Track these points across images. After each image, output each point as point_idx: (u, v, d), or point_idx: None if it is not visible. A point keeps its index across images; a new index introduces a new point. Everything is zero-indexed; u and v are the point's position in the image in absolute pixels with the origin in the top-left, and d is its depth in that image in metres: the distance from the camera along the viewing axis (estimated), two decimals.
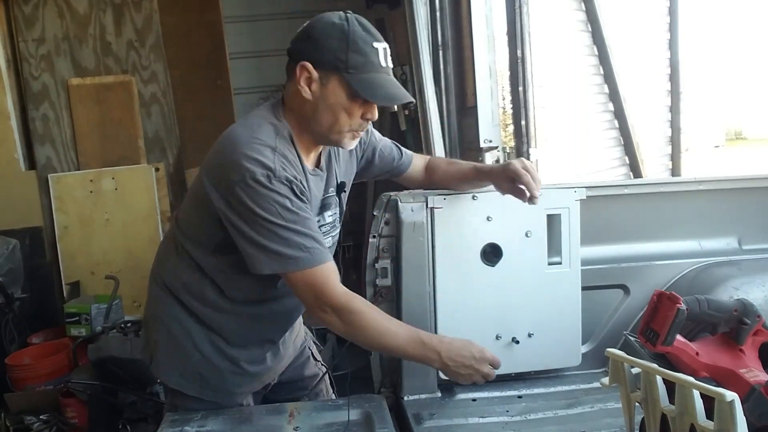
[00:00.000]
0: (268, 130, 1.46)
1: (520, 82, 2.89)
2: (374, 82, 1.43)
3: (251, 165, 1.39)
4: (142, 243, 4.01)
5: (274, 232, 1.40)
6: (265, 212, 1.39)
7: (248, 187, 1.38)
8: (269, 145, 1.43)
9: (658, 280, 1.92)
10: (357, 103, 1.45)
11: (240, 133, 1.45)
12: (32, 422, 3.05)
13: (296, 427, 1.49)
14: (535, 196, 1.60)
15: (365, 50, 1.43)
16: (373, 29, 1.47)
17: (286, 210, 1.40)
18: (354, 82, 1.42)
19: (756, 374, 1.39)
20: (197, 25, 4.22)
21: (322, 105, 1.46)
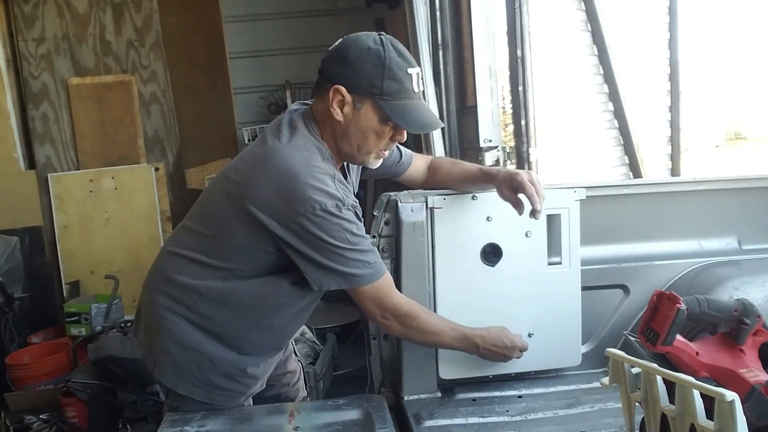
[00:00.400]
0: (317, 155, 1.49)
1: (520, 82, 2.88)
2: (407, 109, 1.47)
3: (319, 196, 1.42)
4: (142, 242, 4.02)
5: (342, 256, 1.47)
6: (335, 240, 1.45)
7: (318, 217, 1.42)
8: (328, 174, 1.46)
9: (658, 280, 1.92)
10: (388, 126, 1.49)
11: (295, 161, 1.44)
12: (32, 422, 3.05)
13: (296, 427, 1.49)
14: (537, 210, 1.61)
15: (400, 77, 1.45)
16: (408, 54, 1.49)
17: (353, 235, 1.47)
18: (388, 109, 1.46)
19: (756, 374, 1.39)
20: (197, 24, 4.22)
21: (354, 127, 1.50)
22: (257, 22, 4.60)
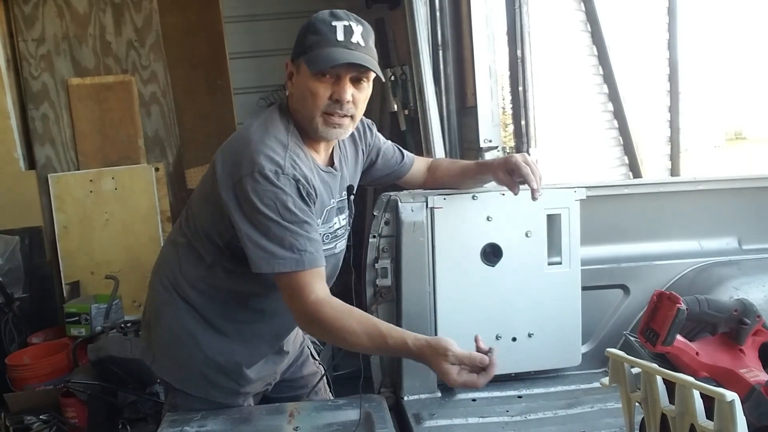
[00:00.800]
0: (279, 128, 1.49)
1: (520, 82, 2.88)
2: (323, 53, 1.43)
3: (262, 160, 1.40)
4: (142, 243, 4.01)
5: (269, 228, 1.41)
6: (265, 207, 1.40)
7: (255, 181, 1.40)
8: (282, 143, 1.45)
9: (658, 280, 1.92)
10: (321, 83, 1.45)
11: (254, 130, 1.48)
12: (32, 422, 3.05)
13: (296, 427, 1.49)
14: (533, 188, 1.61)
15: (323, 29, 1.45)
16: (344, 13, 1.48)
17: (286, 209, 1.41)
18: (307, 59, 1.45)
19: (756, 374, 1.39)
20: (197, 25, 4.22)
21: (297, 93, 1.50)
22: (257, 22, 4.60)
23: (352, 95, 1.47)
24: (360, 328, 1.40)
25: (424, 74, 2.97)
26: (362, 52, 1.45)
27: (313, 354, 1.95)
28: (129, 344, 2.80)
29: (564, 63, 4.40)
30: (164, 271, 1.65)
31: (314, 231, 1.47)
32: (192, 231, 1.59)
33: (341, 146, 1.66)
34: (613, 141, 5.02)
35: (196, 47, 4.23)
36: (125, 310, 3.55)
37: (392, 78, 3.71)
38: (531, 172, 1.61)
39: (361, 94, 1.49)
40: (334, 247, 1.65)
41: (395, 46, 3.98)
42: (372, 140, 1.75)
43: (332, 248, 1.64)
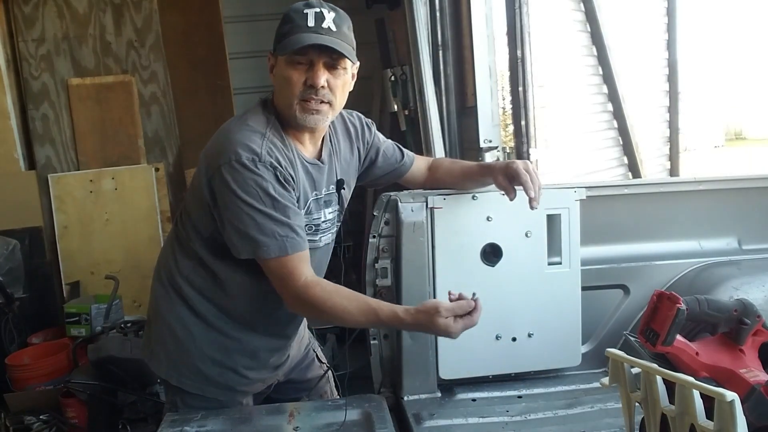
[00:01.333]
0: (259, 119, 1.51)
1: (520, 82, 2.88)
2: (294, 39, 1.45)
3: (238, 148, 1.43)
4: (142, 243, 4.01)
5: (250, 216, 1.43)
6: (245, 194, 1.42)
7: (233, 169, 1.42)
8: (259, 131, 1.47)
9: (658, 280, 1.92)
10: (295, 69, 1.47)
11: (233, 122, 1.52)
12: (32, 422, 3.05)
13: (296, 427, 1.49)
14: (530, 197, 1.60)
15: (294, 18, 1.47)
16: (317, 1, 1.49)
17: (267, 195, 1.43)
18: (280, 48, 1.47)
19: (756, 374, 1.39)
20: (197, 25, 4.22)
21: (276, 84, 1.53)
22: (257, 22, 4.60)
23: (327, 81, 1.48)
24: (351, 305, 1.45)
25: (424, 74, 2.97)
26: (334, 37, 1.46)
27: (319, 357, 1.94)
28: (129, 344, 2.80)
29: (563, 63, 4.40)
30: (162, 267, 1.66)
31: (296, 216, 1.48)
32: (184, 227, 1.61)
33: (333, 141, 1.66)
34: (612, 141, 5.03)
35: (196, 47, 4.23)
36: (125, 310, 3.55)
37: (392, 78, 3.71)
38: (530, 180, 1.60)
39: (337, 81, 1.50)
40: (318, 240, 1.63)
41: (395, 46, 3.98)
42: (371, 139, 1.75)
43: (316, 241, 1.63)
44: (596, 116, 4.89)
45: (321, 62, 1.46)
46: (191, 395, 1.62)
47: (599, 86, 4.86)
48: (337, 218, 1.69)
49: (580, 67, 4.70)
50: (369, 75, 4.14)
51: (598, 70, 4.82)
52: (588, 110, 4.81)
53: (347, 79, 1.54)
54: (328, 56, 1.47)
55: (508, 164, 1.65)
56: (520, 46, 2.86)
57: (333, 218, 1.67)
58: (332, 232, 1.69)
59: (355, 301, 1.46)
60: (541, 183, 1.63)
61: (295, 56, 1.46)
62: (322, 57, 1.46)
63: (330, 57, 1.47)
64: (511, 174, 1.63)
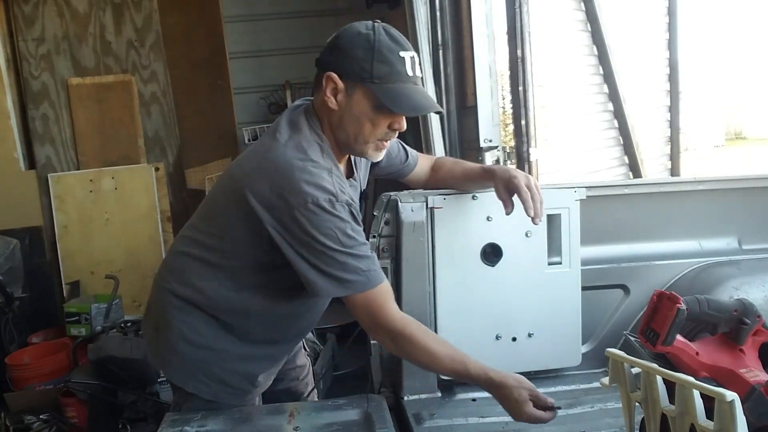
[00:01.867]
0: (316, 150, 1.45)
1: (520, 82, 2.88)
2: (399, 92, 1.42)
3: (312, 189, 1.38)
4: (142, 242, 4.02)
5: (332, 258, 1.41)
6: (325, 238, 1.39)
7: (309, 212, 1.38)
8: (324, 167, 1.43)
9: (658, 280, 1.92)
10: (382, 113, 1.44)
11: (290, 153, 1.43)
12: (32, 422, 3.05)
13: (296, 427, 1.49)
14: (529, 215, 1.59)
15: (391, 59, 1.41)
16: (402, 38, 1.45)
17: (345, 235, 1.41)
18: (379, 93, 1.41)
19: (756, 374, 1.39)
20: (197, 25, 4.22)
21: (348, 115, 1.46)
22: (257, 22, 4.60)
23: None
24: (443, 351, 1.46)
25: (424, 74, 2.97)
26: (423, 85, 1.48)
27: (304, 345, 1.97)
28: (129, 344, 2.80)
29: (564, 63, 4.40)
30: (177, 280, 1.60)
31: (369, 249, 1.48)
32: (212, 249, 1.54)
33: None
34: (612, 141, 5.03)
35: (196, 47, 4.23)
36: (125, 309, 3.55)
37: None
38: (530, 198, 1.58)
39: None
40: None
41: None
42: None
43: None
44: (597, 116, 4.89)
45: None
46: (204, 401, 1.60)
47: (600, 86, 4.86)
48: None
49: (580, 67, 4.70)
50: None
51: (598, 70, 4.82)
52: (588, 110, 4.81)
53: None
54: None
55: (510, 178, 1.62)
56: (520, 46, 2.86)
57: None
58: None
59: (446, 349, 1.47)
60: (542, 199, 1.61)
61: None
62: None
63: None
64: (512, 189, 1.62)
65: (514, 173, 1.64)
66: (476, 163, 2.37)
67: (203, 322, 1.57)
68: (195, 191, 4.17)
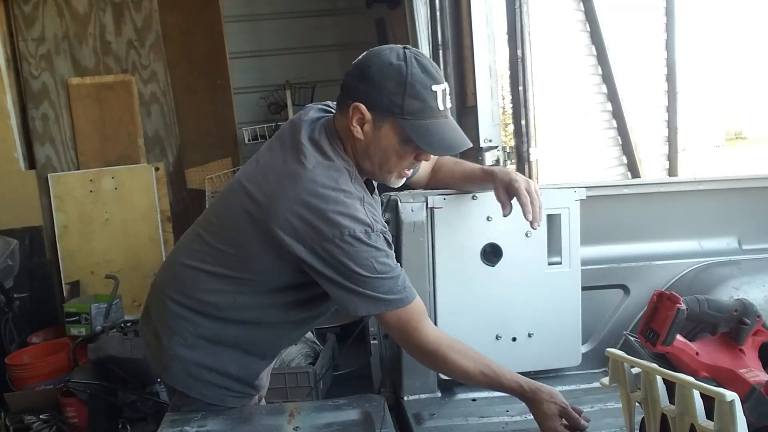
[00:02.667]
0: (346, 178, 1.43)
1: (520, 82, 2.88)
2: (430, 129, 1.40)
3: (347, 221, 1.37)
4: (142, 242, 4.02)
5: (368, 283, 1.41)
6: (361, 269, 1.39)
7: (346, 243, 1.37)
8: (357, 197, 1.41)
9: (658, 280, 1.92)
10: (410, 146, 1.43)
11: (323, 185, 1.40)
12: (32, 422, 3.05)
13: (296, 427, 1.49)
14: (527, 219, 1.59)
15: (423, 95, 1.38)
16: (434, 69, 1.42)
17: (380, 263, 1.41)
18: (409, 129, 1.39)
19: (756, 374, 1.39)
20: (197, 24, 4.22)
21: (375, 146, 1.44)
22: (257, 22, 4.60)
23: None
24: (474, 367, 1.48)
25: None
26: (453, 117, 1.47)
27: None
28: (129, 344, 2.80)
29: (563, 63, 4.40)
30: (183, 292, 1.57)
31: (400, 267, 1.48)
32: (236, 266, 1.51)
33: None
34: (611, 141, 5.03)
35: (196, 47, 4.23)
36: (125, 309, 3.55)
37: None
38: (530, 202, 1.58)
39: None
40: None
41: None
42: None
43: None
44: (596, 116, 4.90)
45: None
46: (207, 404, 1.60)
47: (599, 86, 4.86)
48: None
49: (580, 67, 4.70)
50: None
51: (597, 70, 4.82)
52: (588, 110, 4.81)
53: None
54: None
55: (510, 181, 1.62)
56: (520, 46, 2.86)
57: None
58: None
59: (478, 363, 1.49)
60: (542, 203, 1.61)
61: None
62: None
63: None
64: (511, 192, 1.61)
65: (515, 176, 1.63)
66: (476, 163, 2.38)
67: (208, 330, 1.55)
68: (195, 191, 4.17)
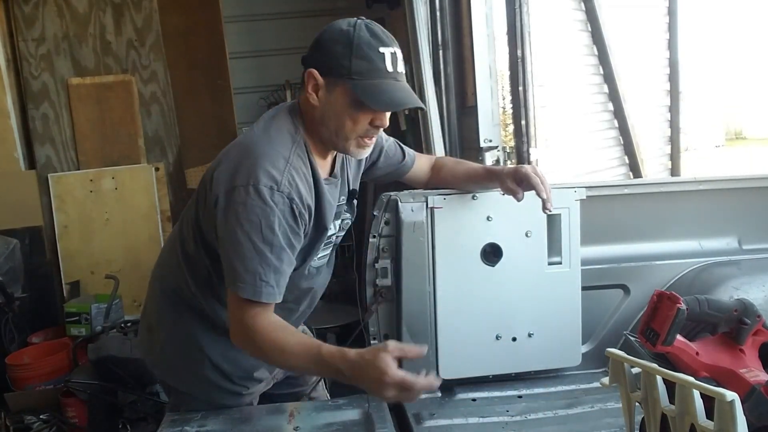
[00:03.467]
0: (285, 139, 1.45)
1: (520, 82, 2.88)
2: (378, 87, 1.40)
3: (260, 173, 1.37)
4: (142, 242, 4.02)
5: (243, 246, 1.36)
6: (248, 223, 1.36)
7: (247, 193, 1.36)
8: (283, 156, 1.41)
9: (658, 280, 1.92)
10: (362, 109, 1.42)
11: (257, 139, 1.44)
12: (32, 422, 3.05)
13: (296, 427, 1.49)
14: (543, 198, 1.61)
15: (370, 56, 1.40)
16: (384, 34, 1.44)
17: (269, 229, 1.37)
18: (357, 89, 1.40)
19: (756, 374, 1.39)
20: (197, 25, 4.22)
21: (329, 111, 1.45)
22: (257, 22, 4.60)
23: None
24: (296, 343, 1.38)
25: (425, 74, 2.97)
26: (405, 81, 1.45)
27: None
28: (129, 344, 2.80)
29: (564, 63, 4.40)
30: (167, 278, 1.62)
31: (288, 260, 1.41)
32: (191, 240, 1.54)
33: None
34: (613, 141, 5.03)
35: (196, 47, 4.23)
36: (125, 309, 3.55)
37: None
38: (541, 182, 1.61)
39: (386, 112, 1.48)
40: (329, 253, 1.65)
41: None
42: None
43: (327, 255, 1.64)
44: (597, 116, 4.89)
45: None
46: (198, 400, 1.61)
47: (600, 86, 4.86)
48: (343, 227, 1.68)
49: (580, 67, 4.70)
50: None
51: (598, 70, 4.82)
52: (589, 110, 4.81)
53: None
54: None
55: (516, 169, 1.65)
56: (520, 46, 2.86)
57: (341, 227, 1.65)
58: (335, 243, 1.67)
59: (296, 346, 1.38)
60: (549, 186, 1.64)
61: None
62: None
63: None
64: (520, 177, 1.64)
65: (519, 165, 1.67)
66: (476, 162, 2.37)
67: (192, 321, 1.57)
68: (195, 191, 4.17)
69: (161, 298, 1.62)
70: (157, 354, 1.64)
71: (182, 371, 1.61)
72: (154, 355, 1.65)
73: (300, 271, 1.54)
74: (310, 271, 1.60)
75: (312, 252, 1.55)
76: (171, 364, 1.62)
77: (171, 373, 1.63)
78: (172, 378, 1.63)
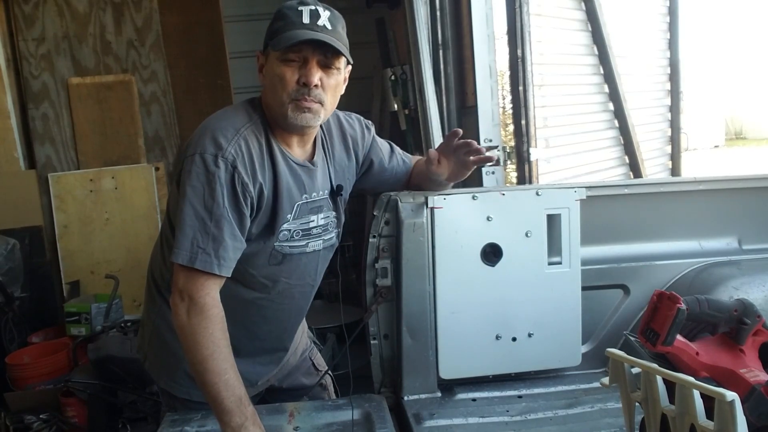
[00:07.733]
0: (241, 115, 1.49)
1: (520, 82, 2.88)
2: (286, 34, 1.42)
3: (207, 141, 1.41)
4: (142, 242, 4.01)
5: (185, 212, 1.38)
6: (191, 188, 1.38)
7: (193, 161, 1.39)
8: (234, 127, 1.44)
9: (658, 280, 1.92)
10: (288, 67, 1.43)
11: (213, 117, 1.49)
12: (32, 421, 3.05)
13: (296, 427, 1.49)
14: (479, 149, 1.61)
15: (288, 14, 1.45)
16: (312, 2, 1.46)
17: (210, 196, 1.38)
18: (271, 45, 1.45)
19: (756, 374, 1.39)
20: (197, 24, 4.22)
21: (268, 83, 1.48)
22: (257, 22, 4.59)
23: (321, 79, 1.45)
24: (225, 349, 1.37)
25: (425, 74, 2.97)
26: (329, 35, 1.44)
27: (315, 364, 1.92)
28: (129, 344, 2.81)
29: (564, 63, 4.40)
30: (152, 268, 1.65)
31: (229, 231, 1.39)
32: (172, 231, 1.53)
33: (326, 146, 1.63)
34: (613, 141, 5.03)
35: (196, 47, 4.22)
36: (125, 309, 3.55)
37: (392, 77, 3.71)
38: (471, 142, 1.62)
39: (330, 80, 1.46)
40: (305, 245, 1.59)
41: (395, 46, 3.98)
42: (369, 141, 1.73)
43: (303, 246, 1.59)
44: (597, 116, 4.89)
45: (315, 60, 1.43)
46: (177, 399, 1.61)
47: (600, 86, 4.86)
48: (335, 224, 1.66)
49: (580, 67, 4.69)
50: (369, 75, 4.14)
51: (599, 70, 4.82)
52: (589, 110, 4.80)
53: (340, 79, 1.50)
54: (322, 54, 1.44)
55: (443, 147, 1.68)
56: (520, 46, 2.86)
57: (326, 224, 1.63)
58: (325, 239, 1.64)
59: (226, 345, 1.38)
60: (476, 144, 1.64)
61: (289, 53, 1.42)
62: (317, 55, 1.43)
63: (324, 55, 1.44)
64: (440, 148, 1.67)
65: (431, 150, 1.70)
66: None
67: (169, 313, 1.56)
68: None
69: (148, 291, 1.65)
70: (145, 349, 1.65)
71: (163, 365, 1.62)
72: (144, 349, 1.66)
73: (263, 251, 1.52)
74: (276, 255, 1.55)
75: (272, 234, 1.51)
76: (155, 358, 1.64)
77: (155, 367, 1.64)
78: (155, 373, 1.65)
